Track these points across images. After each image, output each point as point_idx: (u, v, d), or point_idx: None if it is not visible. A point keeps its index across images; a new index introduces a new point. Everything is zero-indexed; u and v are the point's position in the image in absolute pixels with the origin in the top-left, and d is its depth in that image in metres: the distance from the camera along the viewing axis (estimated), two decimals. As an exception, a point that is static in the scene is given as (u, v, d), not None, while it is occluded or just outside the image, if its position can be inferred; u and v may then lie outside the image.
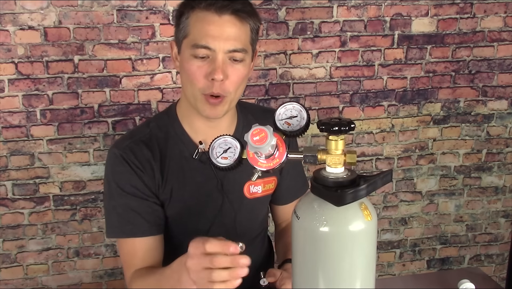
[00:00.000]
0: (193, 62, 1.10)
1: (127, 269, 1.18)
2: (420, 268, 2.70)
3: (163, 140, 1.21)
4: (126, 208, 1.17)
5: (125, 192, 1.17)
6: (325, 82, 2.35)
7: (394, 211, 2.59)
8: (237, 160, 0.87)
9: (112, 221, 1.19)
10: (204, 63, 1.10)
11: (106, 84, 2.17)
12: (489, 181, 2.62)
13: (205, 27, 1.08)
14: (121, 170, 1.17)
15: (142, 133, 1.22)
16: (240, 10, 1.09)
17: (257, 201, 1.31)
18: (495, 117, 2.54)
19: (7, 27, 2.04)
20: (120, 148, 1.19)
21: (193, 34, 1.10)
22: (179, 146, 1.22)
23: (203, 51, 1.09)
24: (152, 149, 1.19)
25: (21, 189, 2.21)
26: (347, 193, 0.78)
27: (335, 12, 2.28)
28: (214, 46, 1.08)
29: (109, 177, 1.19)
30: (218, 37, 1.08)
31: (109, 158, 1.20)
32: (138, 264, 1.15)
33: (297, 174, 1.38)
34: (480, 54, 2.44)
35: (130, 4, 2.11)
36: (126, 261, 1.19)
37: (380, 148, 2.49)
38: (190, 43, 1.10)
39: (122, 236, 1.18)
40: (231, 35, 1.09)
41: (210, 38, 1.08)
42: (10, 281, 2.30)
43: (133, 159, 1.17)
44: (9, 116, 2.14)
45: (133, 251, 1.17)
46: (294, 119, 0.87)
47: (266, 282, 1.14)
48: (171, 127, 1.23)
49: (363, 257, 0.82)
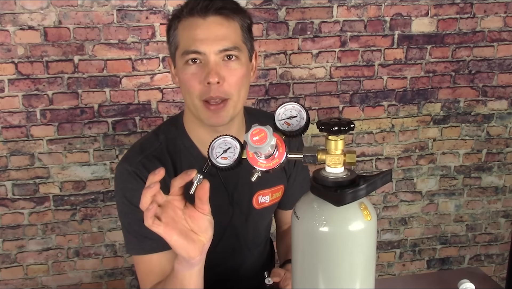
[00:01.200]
0: (187, 70, 1.09)
1: (143, 285, 1.16)
2: (420, 268, 2.70)
3: (174, 153, 1.19)
4: (142, 223, 1.16)
5: (139, 208, 1.16)
6: (325, 82, 2.35)
7: (394, 211, 2.59)
8: (236, 160, 0.87)
9: (130, 238, 1.16)
10: (198, 69, 1.09)
11: (106, 84, 2.17)
12: (489, 181, 2.62)
13: (191, 33, 1.07)
14: (134, 186, 1.14)
15: (153, 148, 1.19)
16: (222, 7, 1.08)
17: (265, 211, 1.30)
18: (495, 117, 2.54)
19: (7, 27, 2.04)
20: (133, 164, 1.15)
21: (183, 43, 1.09)
22: (189, 159, 1.19)
23: (193, 56, 1.08)
24: (164, 163, 1.16)
25: (21, 189, 2.21)
26: (347, 192, 0.78)
27: (335, 12, 2.28)
28: (204, 49, 1.07)
29: (121, 194, 1.16)
30: (206, 39, 1.07)
31: (120, 174, 1.16)
32: (155, 280, 1.13)
33: (302, 179, 1.38)
34: (480, 54, 2.44)
35: (130, 4, 2.11)
36: (143, 278, 1.16)
37: (380, 147, 2.49)
38: (181, 52, 1.09)
39: (142, 252, 1.15)
40: (219, 35, 1.08)
41: (198, 42, 1.07)
42: (10, 281, 2.30)
43: (146, 174, 1.14)
44: (9, 116, 2.14)
45: (150, 267, 1.14)
46: (293, 120, 0.87)
47: (271, 281, 1.14)
48: (180, 141, 1.20)
49: (363, 257, 0.82)
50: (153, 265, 1.14)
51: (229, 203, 1.23)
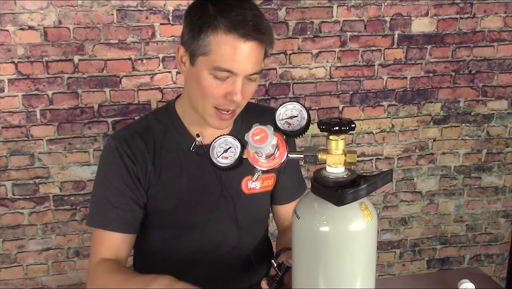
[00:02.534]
0: (212, 81, 1.10)
1: (92, 255, 1.19)
2: (420, 268, 2.70)
3: (161, 132, 1.22)
4: (104, 199, 1.19)
5: (109, 183, 1.19)
6: (325, 82, 2.35)
7: (394, 211, 2.59)
8: (237, 159, 0.87)
9: (95, 210, 1.21)
10: (223, 83, 1.10)
11: (106, 84, 2.17)
12: (489, 181, 2.62)
13: (229, 51, 1.06)
14: (111, 160, 1.19)
15: (138, 125, 1.23)
16: (263, 34, 1.08)
17: (256, 197, 1.30)
18: (495, 117, 2.54)
19: (7, 27, 2.04)
20: (116, 138, 1.21)
21: (215, 56, 1.07)
22: (176, 138, 1.22)
23: (225, 74, 1.08)
24: (146, 140, 1.20)
25: (21, 189, 2.21)
26: (347, 192, 0.78)
27: (335, 12, 2.28)
28: (237, 71, 1.08)
29: (100, 166, 1.22)
30: (242, 62, 1.07)
31: (104, 147, 1.24)
32: (103, 252, 1.17)
33: (293, 174, 1.38)
34: (480, 54, 2.44)
35: (130, 4, 2.11)
36: (93, 246, 1.20)
37: (380, 147, 2.49)
38: (212, 63, 1.08)
39: (92, 225, 1.20)
40: (253, 59, 1.09)
41: (234, 63, 1.07)
42: (10, 281, 2.30)
43: (126, 149, 1.19)
44: (9, 116, 2.14)
45: (101, 239, 1.19)
46: (294, 119, 0.87)
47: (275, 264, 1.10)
48: (169, 121, 1.23)
49: (363, 257, 0.82)
50: (105, 238, 1.18)
51: (217, 183, 1.24)
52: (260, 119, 0.88)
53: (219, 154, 0.88)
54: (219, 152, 0.88)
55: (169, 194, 1.22)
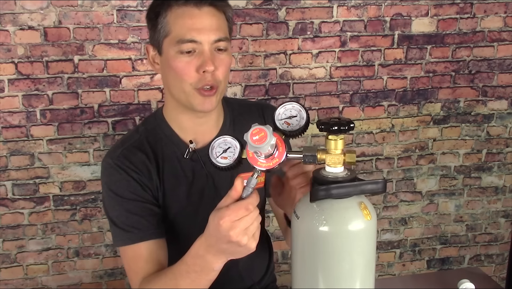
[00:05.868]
0: (181, 58, 1.11)
1: (134, 275, 1.14)
2: (420, 268, 2.70)
3: (155, 142, 1.21)
4: (128, 214, 1.16)
5: (125, 199, 1.16)
6: (325, 82, 2.35)
7: (394, 211, 2.59)
8: (236, 159, 0.87)
9: (117, 231, 1.17)
10: (192, 57, 1.11)
11: (106, 84, 2.17)
12: (489, 181, 2.62)
13: (187, 22, 1.10)
14: (117, 178, 1.16)
15: (133, 140, 1.22)
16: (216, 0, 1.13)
17: None
18: (495, 117, 2.54)
19: (7, 27, 2.04)
20: (114, 157, 1.18)
21: (176, 31, 1.11)
22: (170, 147, 1.22)
23: (189, 45, 1.10)
24: (145, 151, 1.19)
25: (21, 189, 2.21)
26: (319, 189, 0.79)
27: (335, 12, 2.28)
28: (200, 39, 1.10)
29: (106, 188, 1.18)
30: (202, 29, 1.10)
31: (104, 169, 1.20)
32: (144, 267, 1.13)
33: None
34: (480, 54, 2.44)
35: (130, 4, 2.11)
36: (131, 267, 1.15)
37: (380, 148, 2.49)
38: (174, 40, 1.11)
39: (129, 242, 1.15)
40: (213, 25, 1.11)
41: (194, 31, 1.09)
42: (10, 281, 2.30)
43: (128, 164, 1.17)
44: (9, 116, 2.14)
45: (138, 255, 1.14)
46: (293, 119, 0.87)
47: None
48: (159, 130, 1.23)
49: (362, 257, 0.82)
50: (142, 252, 1.14)
51: (212, 186, 1.24)
52: (248, 114, 0.88)
53: (219, 154, 0.88)
54: (218, 152, 0.88)
55: (171, 203, 1.22)
